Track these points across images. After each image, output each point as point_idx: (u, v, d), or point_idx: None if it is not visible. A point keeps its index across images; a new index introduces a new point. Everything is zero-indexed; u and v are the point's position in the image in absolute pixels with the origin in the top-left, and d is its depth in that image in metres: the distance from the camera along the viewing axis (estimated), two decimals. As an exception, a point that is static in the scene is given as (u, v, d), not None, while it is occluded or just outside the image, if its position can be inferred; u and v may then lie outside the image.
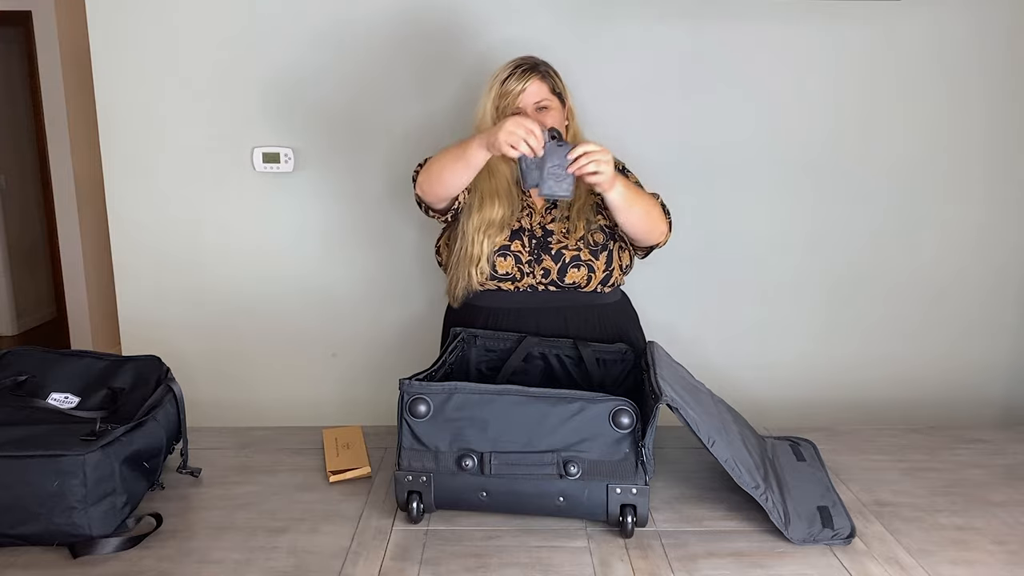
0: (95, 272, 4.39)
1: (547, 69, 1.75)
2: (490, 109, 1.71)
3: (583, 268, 1.72)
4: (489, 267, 1.72)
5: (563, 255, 1.72)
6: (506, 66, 1.73)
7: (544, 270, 1.72)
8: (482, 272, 1.72)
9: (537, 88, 1.71)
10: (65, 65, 4.20)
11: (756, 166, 2.32)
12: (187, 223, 2.32)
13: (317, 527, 1.31)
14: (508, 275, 1.72)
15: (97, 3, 2.21)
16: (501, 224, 1.72)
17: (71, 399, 1.43)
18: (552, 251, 1.72)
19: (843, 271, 2.39)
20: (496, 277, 1.73)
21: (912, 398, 2.46)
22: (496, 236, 1.72)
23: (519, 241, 1.73)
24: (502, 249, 1.72)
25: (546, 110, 1.71)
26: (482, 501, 1.30)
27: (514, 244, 1.73)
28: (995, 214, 2.38)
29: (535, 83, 1.70)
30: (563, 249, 1.72)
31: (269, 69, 2.24)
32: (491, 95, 1.71)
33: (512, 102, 1.69)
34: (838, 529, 1.29)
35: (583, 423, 1.27)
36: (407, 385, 1.31)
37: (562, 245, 1.73)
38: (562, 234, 1.74)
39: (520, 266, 1.72)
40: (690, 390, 1.41)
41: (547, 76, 1.73)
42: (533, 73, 1.71)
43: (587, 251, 1.72)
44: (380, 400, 2.22)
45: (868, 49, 2.26)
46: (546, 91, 1.72)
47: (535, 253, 1.72)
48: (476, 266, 1.72)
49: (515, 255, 1.73)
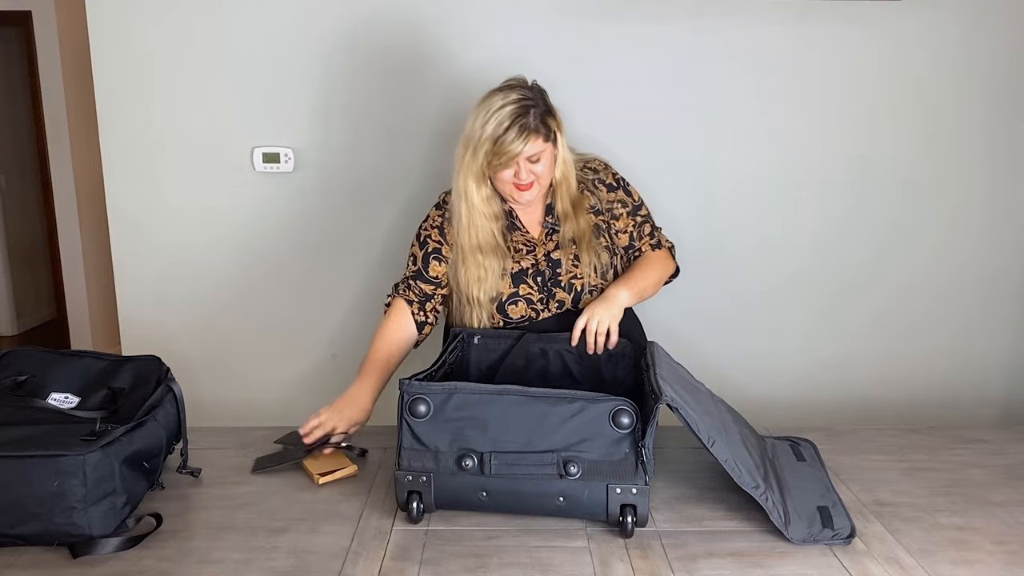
0: (95, 272, 4.39)
1: (541, 114, 1.60)
2: (482, 160, 1.60)
3: (596, 293, 1.70)
4: (501, 317, 1.70)
5: (574, 285, 1.70)
6: (499, 111, 1.58)
7: (559, 302, 1.70)
8: (491, 320, 1.71)
9: (532, 145, 1.59)
10: (65, 65, 4.21)
11: (756, 166, 2.32)
12: (187, 223, 2.32)
13: (317, 527, 1.31)
14: (524, 318, 1.70)
15: (97, 3, 2.21)
16: (495, 276, 1.67)
17: (71, 399, 1.43)
18: (562, 284, 1.70)
19: (843, 271, 2.39)
20: (512, 323, 1.71)
21: (912, 398, 2.46)
22: (494, 289, 1.68)
23: (525, 284, 1.69)
24: (511, 297, 1.69)
25: (537, 161, 1.62)
26: (482, 501, 1.30)
27: (522, 288, 1.69)
28: (995, 214, 2.38)
29: (532, 142, 1.58)
30: (573, 279, 1.70)
31: (269, 69, 2.24)
32: (483, 148, 1.59)
33: (508, 161, 1.59)
34: (838, 529, 1.29)
35: (583, 423, 1.27)
36: (407, 385, 1.31)
37: (572, 276, 1.70)
38: (570, 263, 1.70)
39: (533, 307, 1.70)
40: (690, 390, 1.41)
41: (542, 126, 1.60)
42: (529, 132, 1.58)
43: (596, 275, 1.70)
44: (380, 400, 2.22)
45: (868, 49, 2.26)
46: (540, 143, 1.60)
47: (546, 289, 1.70)
48: (481, 316, 1.70)
49: (525, 298, 1.69)
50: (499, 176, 1.64)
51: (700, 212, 2.32)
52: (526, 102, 1.59)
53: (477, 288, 1.68)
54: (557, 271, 1.70)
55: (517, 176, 1.63)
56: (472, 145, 1.61)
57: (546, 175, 1.66)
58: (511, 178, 1.63)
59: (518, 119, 1.57)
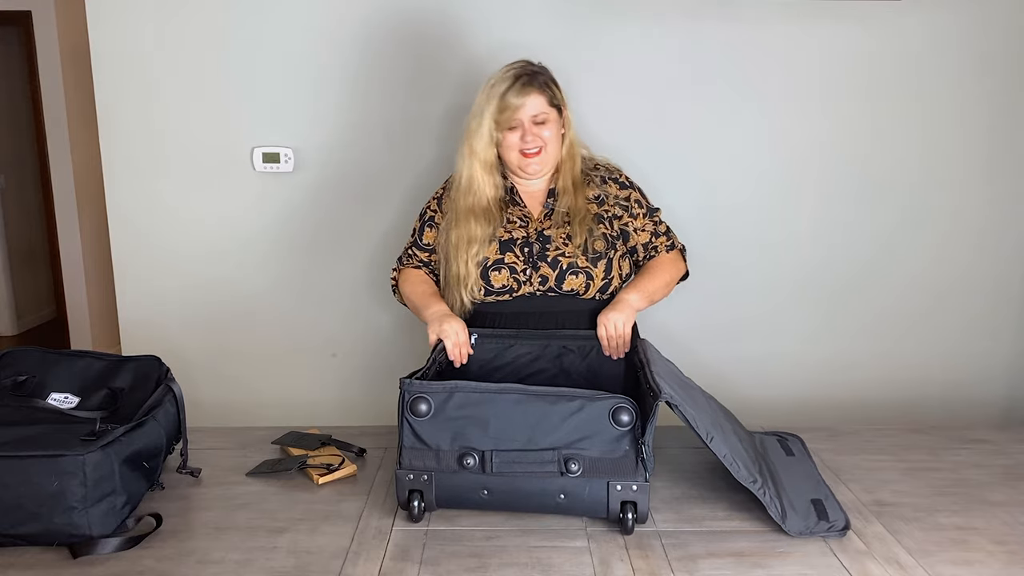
0: (95, 272, 4.39)
1: (545, 79, 1.70)
2: (488, 122, 1.68)
3: (581, 275, 1.70)
4: (483, 284, 1.71)
5: (560, 262, 1.71)
6: (503, 75, 1.68)
7: (542, 277, 1.71)
8: (475, 290, 1.71)
9: (536, 101, 1.67)
10: (65, 65, 4.20)
11: (755, 166, 2.32)
12: (187, 223, 2.32)
13: (317, 527, 1.31)
14: (504, 287, 1.71)
15: (97, 3, 2.21)
16: (483, 240, 1.70)
17: (71, 399, 1.43)
18: (549, 258, 1.71)
19: (843, 271, 2.39)
20: (492, 291, 1.71)
21: (912, 398, 2.46)
22: (481, 253, 1.70)
23: (512, 253, 1.72)
24: (496, 263, 1.71)
25: (543, 124, 1.69)
26: (483, 499, 1.31)
27: (507, 256, 1.71)
28: (996, 214, 2.38)
29: (534, 96, 1.67)
30: (560, 256, 1.71)
31: (269, 69, 2.24)
32: (490, 107, 1.67)
33: (511, 116, 1.67)
34: (833, 521, 1.30)
35: (583, 421, 1.28)
36: (408, 384, 1.31)
37: (559, 252, 1.71)
38: (561, 240, 1.72)
39: (516, 276, 1.71)
40: (684, 387, 1.42)
41: (546, 88, 1.69)
42: (532, 86, 1.67)
43: (585, 258, 1.71)
44: (379, 400, 2.22)
45: (868, 49, 2.26)
46: (544, 103, 1.68)
47: (531, 261, 1.71)
48: (466, 288, 1.71)
49: (509, 267, 1.71)
50: (506, 141, 1.69)
51: (700, 212, 2.31)
52: (531, 67, 1.70)
53: (465, 251, 1.70)
54: (546, 246, 1.72)
55: (523, 139, 1.68)
56: (479, 111, 1.70)
57: (552, 144, 1.71)
58: (518, 143, 1.68)
59: (522, 76, 1.67)
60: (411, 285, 1.81)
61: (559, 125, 1.72)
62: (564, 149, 1.75)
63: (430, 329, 1.63)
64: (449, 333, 1.60)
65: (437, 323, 1.62)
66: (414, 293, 1.79)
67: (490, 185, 1.73)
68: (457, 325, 1.61)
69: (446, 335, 1.60)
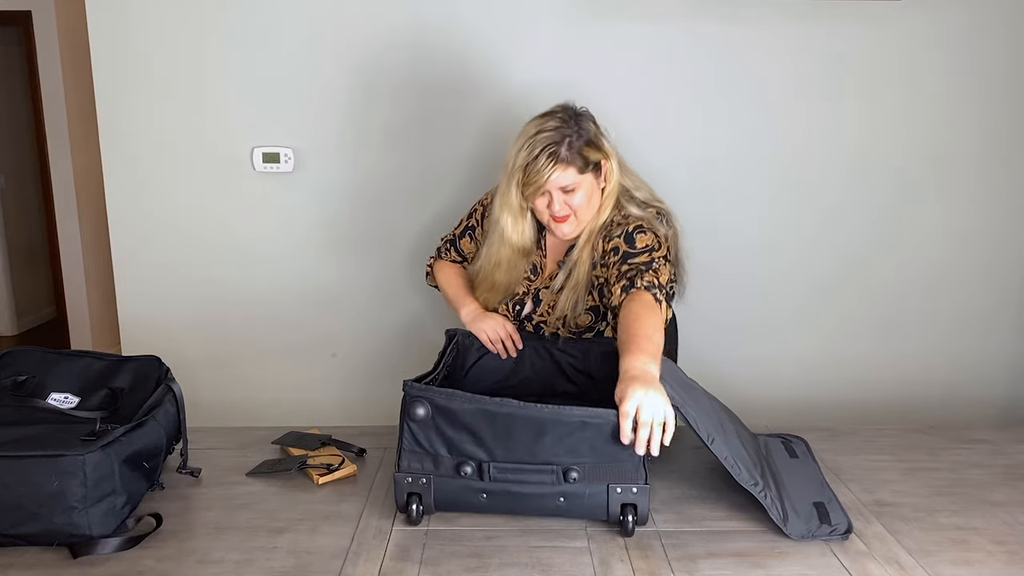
0: (95, 272, 4.39)
1: (577, 147, 1.57)
2: (515, 188, 1.62)
3: None
4: None
5: (542, 328, 1.74)
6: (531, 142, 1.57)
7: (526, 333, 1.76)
8: None
9: (563, 175, 1.58)
10: (65, 65, 4.20)
11: (755, 166, 2.32)
12: (187, 223, 2.32)
13: (317, 527, 1.31)
14: None
15: (97, 3, 2.21)
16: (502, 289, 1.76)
17: (71, 399, 1.43)
18: (534, 322, 1.74)
19: (842, 270, 2.39)
20: None
21: (912, 398, 2.46)
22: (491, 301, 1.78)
23: (506, 305, 1.77)
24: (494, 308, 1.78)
25: (572, 192, 1.60)
26: (482, 502, 1.30)
27: (501, 308, 1.77)
28: (995, 213, 2.38)
29: (560, 171, 1.57)
30: (543, 323, 1.73)
31: (269, 69, 2.24)
32: (515, 176, 1.60)
33: (536, 190, 1.60)
34: (835, 525, 1.29)
35: (582, 439, 1.26)
36: (409, 387, 1.30)
37: (542, 319, 1.73)
38: (547, 306, 1.72)
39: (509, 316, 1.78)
40: (687, 388, 1.41)
41: (577, 157, 1.57)
42: (558, 162, 1.56)
43: (563, 327, 1.70)
44: (380, 401, 2.21)
45: (867, 49, 2.26)
46: (573, 174, 1.58)
47: (517, 319, 1.76)
48: None
49: (504, 314, 1.77)
50: (535, 206, 1.66)
51: (698, 212, 2.31)
52: (563, 130, 1.58)
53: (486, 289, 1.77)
54: (535, 308, 1.74)
55: (550, 207, 1.63)
56: (507, 174, 1.64)
57: (584, 208, 1.62)
58: (546, 209, 1.64)
59: (549, 147, 1.57)
60: (445, 277, 1.89)
61: (594, 185, 1.63)
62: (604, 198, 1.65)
63: (472, 328, 1.73)
64: (482, 332, 1.70)
65: (473, 326, 1.72)
66: (449, 285, 1.86)
67: (519, 253, 1.72)
68: (492, 323, 1.70)
69: (481, 335, 1.70)
